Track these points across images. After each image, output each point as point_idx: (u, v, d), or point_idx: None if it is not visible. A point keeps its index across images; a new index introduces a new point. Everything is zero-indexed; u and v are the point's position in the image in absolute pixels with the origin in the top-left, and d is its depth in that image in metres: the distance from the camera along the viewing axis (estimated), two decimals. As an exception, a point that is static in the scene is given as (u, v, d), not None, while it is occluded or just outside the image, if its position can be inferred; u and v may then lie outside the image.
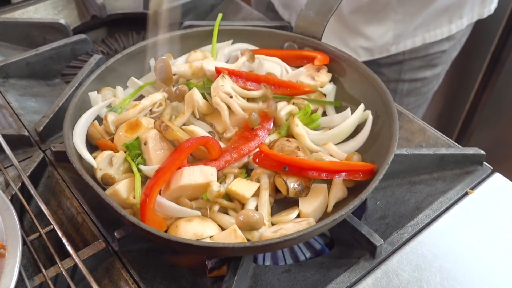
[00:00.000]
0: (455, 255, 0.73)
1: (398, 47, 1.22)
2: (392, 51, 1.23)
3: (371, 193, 0.83)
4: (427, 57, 1.27)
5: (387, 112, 0.78)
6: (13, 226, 0.65)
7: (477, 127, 1.87)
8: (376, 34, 1.20)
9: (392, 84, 1.32)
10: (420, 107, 1.47)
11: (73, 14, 1.27)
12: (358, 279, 0.70)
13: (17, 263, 0.61)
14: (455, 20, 1.21)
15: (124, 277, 0.70)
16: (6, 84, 1.03)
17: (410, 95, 1.36)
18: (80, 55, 1.12)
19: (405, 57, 1.26)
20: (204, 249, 0.64)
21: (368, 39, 1.21)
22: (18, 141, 0.88)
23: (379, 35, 1.20)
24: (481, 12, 1.25)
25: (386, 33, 1.19)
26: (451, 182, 0.84)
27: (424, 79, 1.34)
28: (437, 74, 1.36)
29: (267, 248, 0.68)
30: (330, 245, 0.82)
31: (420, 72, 1.31)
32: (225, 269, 0.70)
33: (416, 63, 1.28)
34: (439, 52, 1.27)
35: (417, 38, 1.21)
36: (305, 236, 0.62)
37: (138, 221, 0.63)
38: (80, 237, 0.76)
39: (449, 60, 1.36)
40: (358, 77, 0.87)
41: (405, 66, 1.28)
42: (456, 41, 1.30)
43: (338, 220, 0.65)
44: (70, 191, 0.81)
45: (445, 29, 1.22)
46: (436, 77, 1.37)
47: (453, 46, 1.30)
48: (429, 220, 0.78)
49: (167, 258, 0.74)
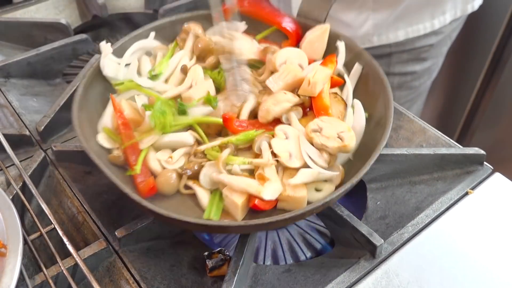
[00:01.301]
0: (455, 255, 0.73)
1: (380, 38, 1.23)
2: (374, 42, 1.23)
3: (372, 193, 0.84)
4: (414, 51, 1.28)
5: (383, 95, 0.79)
6: (14, 225, 0.65)
7: (478, 128, 1.87)
8: (355, 22, 1.20)
9: None
10: (414, 102, 1.47)
11: (74, 14, 1.27)
12: (358, 279, 0.70)
13: (18, 262, 0.61)
14: (438, 15, 1.22)
15: (125, 276, 0.70)
16: (7, 83, 1.03)
17: (401, 89, 1.37)
18: (81, 55, 1.12)
19: (391, 50, 1.26)
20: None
21: (348, 27, 1.22)
22: (19, 140, 0.88)
23: (359, 24, 1.20)
24: (464, 8, 1.26)
25: (366, 22, 1.20)
26: (451, 182, 0.84)
27: (414, 73, 1.34)
28: (427, 68, 1.36)
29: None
30: (331, 245, 0.82)
31: (409, 66, 1.31)
32: (226, 268, 0.70)
33: (404, 56, 1.29)
34: (427, 46, 1.28)
35: (400, 32, 1.22)
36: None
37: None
38: (81, 237, 0.77)
39: (439, 54, 1.36)
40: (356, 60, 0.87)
41: (394, 59, 1.28)
42: (446, 36, 1.30)
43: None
44: (71, 191, 0.81)
45: (427, 24, 1.22)
46: (427, 71, 1.37)
47: (442, 40, 1.30)
48: (430, 220, 0.78)
49: (168, 257, 0.74)
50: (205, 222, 0.68)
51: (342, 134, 0.73)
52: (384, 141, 0.70)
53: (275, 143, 0.73)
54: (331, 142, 0.72)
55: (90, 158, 0.70)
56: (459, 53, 1.42)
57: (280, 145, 0.72)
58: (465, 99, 1.83)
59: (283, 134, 0.74)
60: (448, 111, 1.93)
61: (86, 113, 0.79)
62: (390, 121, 0.73)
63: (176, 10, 1.20)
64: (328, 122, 0.74)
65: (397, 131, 0.94)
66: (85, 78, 0.82)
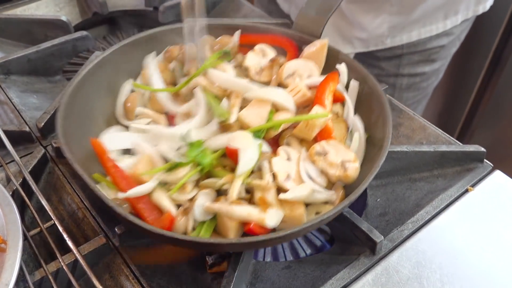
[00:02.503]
0: (455, 252, 0.73)
1: (393, 40, 1.23)
2: (387, 44, 1.23)
3: (372, 190, 0.84)
4: (426, 52, 1.28)
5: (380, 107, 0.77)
6: (14, 221, 0.65)
7: (478, 126, 1.87)
8: (371, 25, 1.20)
9: (391, 79, 1.32)
10: (420, 103, 1.47)
11: (74, 11, 1.27)
12: (358, 275, 0.70)
13: (18, 258, 0.61)
14: (451, 16, 1.22)
15: (125, 272, 0.70)
16: (7, 80, 1.03)
17: (409, 90, 1.36)
18: (81, 52, 1.12)
19: (403, 51, 1.26)
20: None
21: (363, 29, 1.21)
22: (19, 137, 0.88)
23: (374, 27, 1.20)
24: (476, 9, 1.26)
25: (381, 25, 1.19)
26: (451, 179, 0.84)
27: (423, 74, 1.34)
28: (436, 69, 1.36)
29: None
30: (330, 241, 0.82)
31: (419, 67, 1.31)
32: (225, 265, 0.70)
33: (415, 58, 1.28)
34: (438, 47, 1.28)
35: (413, 33, 1.22)
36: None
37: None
38: (81, 233, 0.77)
39: (448, 56, 1.36)
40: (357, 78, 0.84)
41: (404, 61, 1.28)
42: (455, 37, 1.30)
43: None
44: (71, 187, 0.81)
45: (440, 25, 1.22)
46: (435, 73, 1.37)
47: (452, 41, 1.30)
48: (430, 217, 0.78)
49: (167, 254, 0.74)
50: (194, 239, 0.65)
51: (347, 164, 0.71)
52: (380, 162, 0.68)
53: (275, 162, 0.70)
54: (333, 169, 0.71)
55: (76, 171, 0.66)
56: (460, 52, 1.42)
57: (280, 165, 0.70)
58: (466, 97, 1.83)
59: (285, 155, 0.72)
60: (449, 109, 1.93)
61: (74, 119, 0.75)
62: (387, 144, 0.70)
63: (176, 7, 1.20)
64: (334, 148, 0.72)
65: (397, 128, 0.94)
66: (71, 86, 0.78)
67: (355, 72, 0.84)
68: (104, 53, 0.84)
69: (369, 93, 0.81)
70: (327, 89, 0.78)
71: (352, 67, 0.84)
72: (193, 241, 0.64)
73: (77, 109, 0.77)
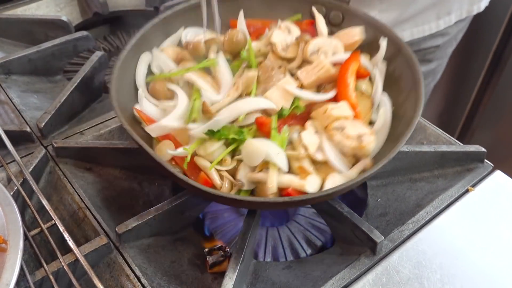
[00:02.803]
0: (456, 252, 0.73)
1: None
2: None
3: (372, 190, 0.84)
4: (420, 52, 1.27)
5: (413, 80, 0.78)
6: (15, 221, 0.65)
7: (478, 125, 1.87)
8: None
9: None
10: None
11: (75, 11, 1.27)
12: (359, 275, 0.70)
13: (19, 257, 0.61)
14: (443, 16, 1.21)
15: (125, 272, 0.70)
16: (8, 80, 1.03)
17: None
18: (82, 52, 1.12)
19: None
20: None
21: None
22: (20, 137, 0.88)
23: None
24: (470, 9, 1.25)
25: None
26: (452, 180, 0.84)
27: None
28: (433, 69, 1.36)
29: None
30: (331, 242, 0.82)
31: None
32: (226, 265, 0.70)
33: None
34: (433, 47, 1.27)
35: (405, 33, 1.21)
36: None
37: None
38: (82, 233, 0.77)
39: (444, 56, 1.36)
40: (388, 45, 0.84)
41: None
42: (451, 37, 1.30)
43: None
44: (71, 187, 0.81)
45: (433, 25, 1.22)
46: (431, 73, 1.37)
47: (448, 41, 1.30)
48: (430, 217, 0.78)
49: (168, 253, 0.74)
50: (235, 197, 0.69)
51: (363, 136, 0.73)
52: (404, 140, 0.68)
53: (305, 135, 0.74)
54: (349, 141, 0.72)
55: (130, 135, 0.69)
56: (460, 52, 1.42)
57: (310, 138, 0.74)
58: (466, 97, 1.83)
59: (313, 128, 0.75)
60: (449, 110, 1.93)
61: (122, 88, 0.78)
62: (414, 123, 0.71)
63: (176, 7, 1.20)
64: (352, 124, 0.75)
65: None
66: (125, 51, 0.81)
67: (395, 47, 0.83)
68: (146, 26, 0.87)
69: (401, 69, 0.81)
70: (349, 69, 0.80)
71: (390, 39, 0.84)
72: (245, 200, 0.69)
73: (125, 80, 0.81)
